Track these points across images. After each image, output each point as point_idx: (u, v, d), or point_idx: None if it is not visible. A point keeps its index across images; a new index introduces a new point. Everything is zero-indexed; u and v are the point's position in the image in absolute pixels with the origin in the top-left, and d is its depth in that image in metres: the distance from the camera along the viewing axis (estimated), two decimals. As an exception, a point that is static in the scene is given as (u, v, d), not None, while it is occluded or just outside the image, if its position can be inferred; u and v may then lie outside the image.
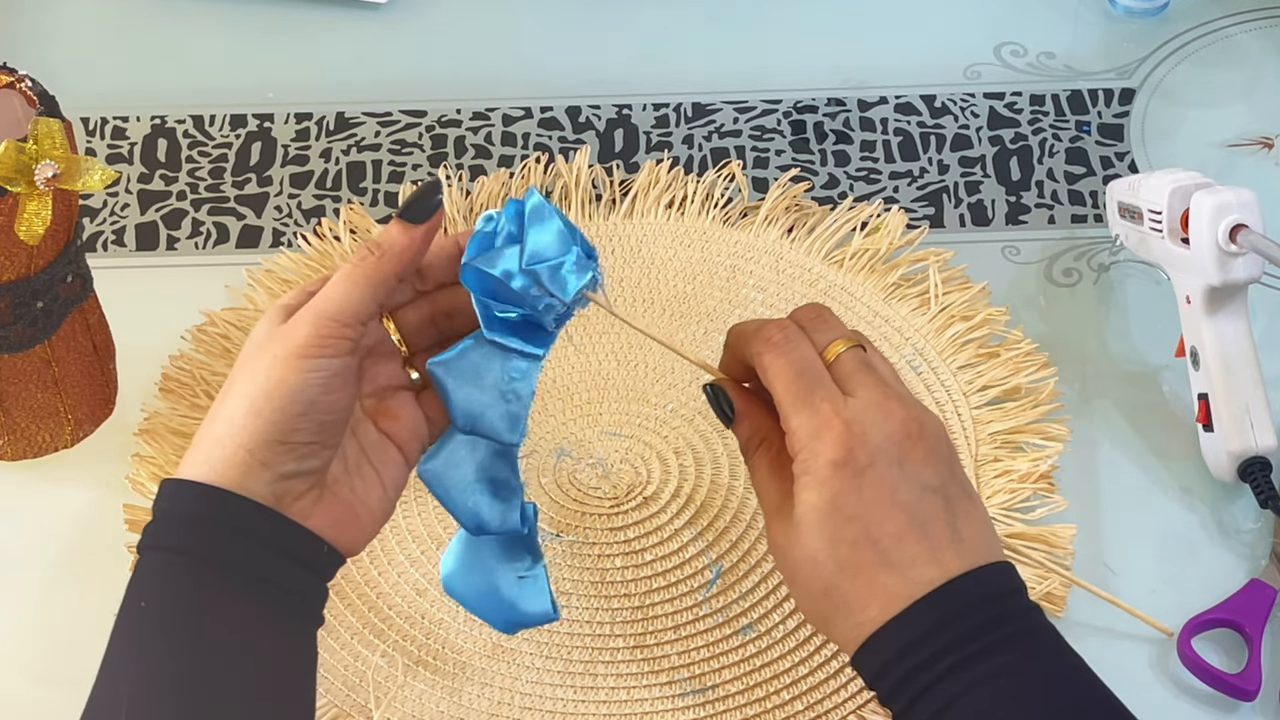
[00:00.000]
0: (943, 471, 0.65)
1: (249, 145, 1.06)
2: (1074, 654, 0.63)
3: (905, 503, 0.63)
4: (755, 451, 0.69)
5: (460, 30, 1.14)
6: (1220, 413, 0.84)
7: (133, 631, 0.62)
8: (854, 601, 0.63)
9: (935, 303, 0.94)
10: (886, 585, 0.63)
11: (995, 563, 0.64)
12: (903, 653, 0.62)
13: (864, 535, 0.63)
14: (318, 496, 0.65)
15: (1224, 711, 0.78)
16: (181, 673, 0.60)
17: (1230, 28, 1.13)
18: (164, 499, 0.64)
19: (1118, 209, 0.93)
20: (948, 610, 0.62)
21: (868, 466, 0.63)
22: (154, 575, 0.62)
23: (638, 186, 1.01)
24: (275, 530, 0.63)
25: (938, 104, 1.08)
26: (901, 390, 0.67)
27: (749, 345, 0.68)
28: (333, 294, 0.65)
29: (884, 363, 0.69)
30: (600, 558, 0.83)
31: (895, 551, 0.63)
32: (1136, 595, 0.82)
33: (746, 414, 0.69)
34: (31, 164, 0.75)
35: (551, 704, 0.78)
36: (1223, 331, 0.85)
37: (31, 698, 0.79)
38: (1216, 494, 0.87)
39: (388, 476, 0.68)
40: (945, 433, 0.66)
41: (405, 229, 0.66)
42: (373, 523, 0.68)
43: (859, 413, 0.64)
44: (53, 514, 0.86)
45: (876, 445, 0.64)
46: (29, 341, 0.82)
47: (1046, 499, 0.85)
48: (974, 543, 0.64)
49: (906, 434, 0.65)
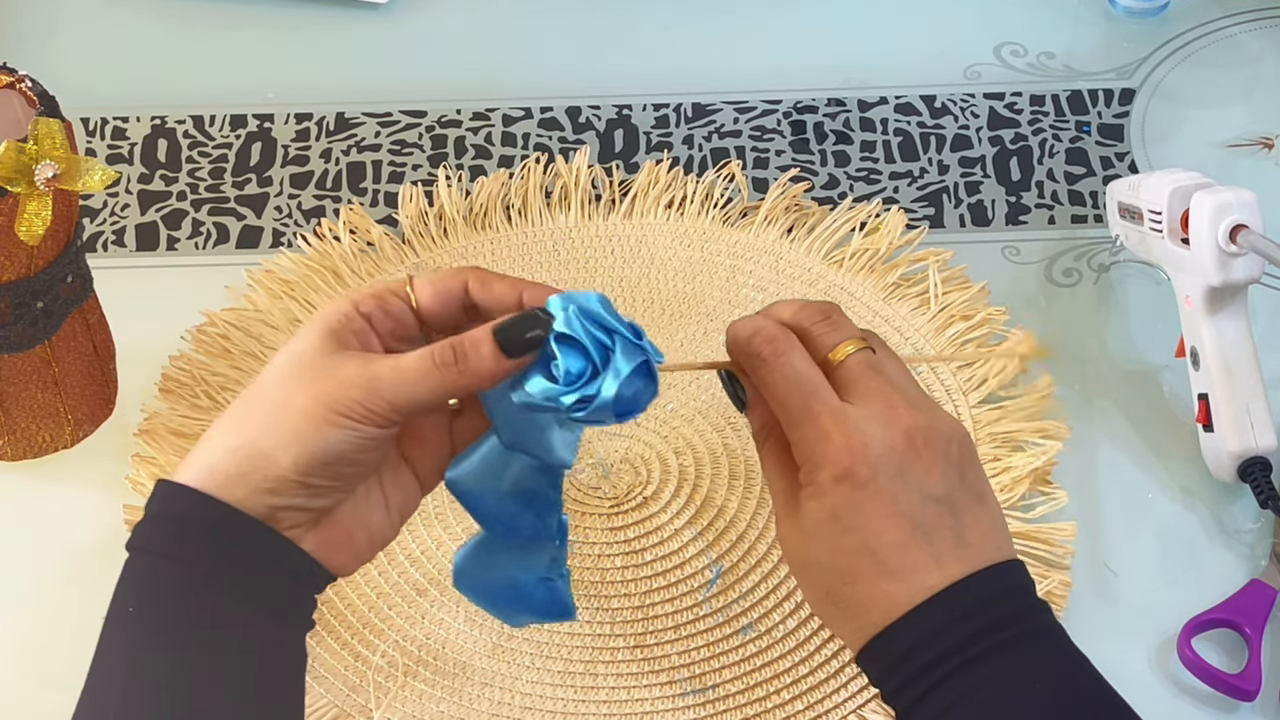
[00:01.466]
0: (950, 478, 0.64)
1: (249, 145, 1.06)
2: (1078, 653, 0.63)
3: (907, 513, 0.63)
4: (765, 443, 0.68)
5: (460, 30, 1.14)
6: (1220, 413, 0.84)
7: (121, 637, 0.61)
8: (854, 606, 0.63)
9: (935, 302, 0.94)
10: (888, 592, 0.62)
11: (1003, 562, 0.63)
12: (904, 656, 0.62)
13: (863, 546, 0.62)
14: (315, 522, 0.64)
15: (1224, 712, 0.78)
16: (171, 679, 0.60)
17: (1230, 28, 1.13)
18: (158, 501, 0.63)
19: (1118, 209, 0.93)
20: (951, 613, 0.62)
21: (869, 480, 0.62)
22: (144, 579, 0.62)
23: (637, 187, 1.01)
24: (269, 546, 0.62)
25: (938, 104, 1.08)
26: (913, 394, 0.65)
27: (739, 358, 0.67)
28: (401, 381, 0.62)
29: (896, 363, 0.67)
30: (600, 558, 0.83)
31: (895, 560, 0.62)
32: (1136, 595, 0.82)
33: (758, 403, 0.68)
34: (31, 164, 0.75)
35: (552, 704, 0.78)
36: (1223, 332, 0.85)
37: (31, 698, 0.79)
38: (1216, 494, 0.87)
39: (395, 503, 0.66)
40: (959, 435, 0.65)
41: (499, 360, 0.62)
42: (369, 548, 0.66)
43: (860, 424, 0.63)
44: (53, 514, 0.86)
45: (877, 457, 0.63)
46: (29, 341, 0.82)
47: (1046, 497, 0.85)
48: (980, 546, 0.63)
49: (909, 444, 0.63)
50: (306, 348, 0.63)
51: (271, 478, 0.61)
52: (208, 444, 0.63)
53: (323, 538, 0.64)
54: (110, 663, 0.61)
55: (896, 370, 0.66)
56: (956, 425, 0.65)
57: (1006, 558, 0.64)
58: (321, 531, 0.64)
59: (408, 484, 0.67)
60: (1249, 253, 0.82)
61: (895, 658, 0.62)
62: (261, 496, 0.61)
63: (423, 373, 0.62)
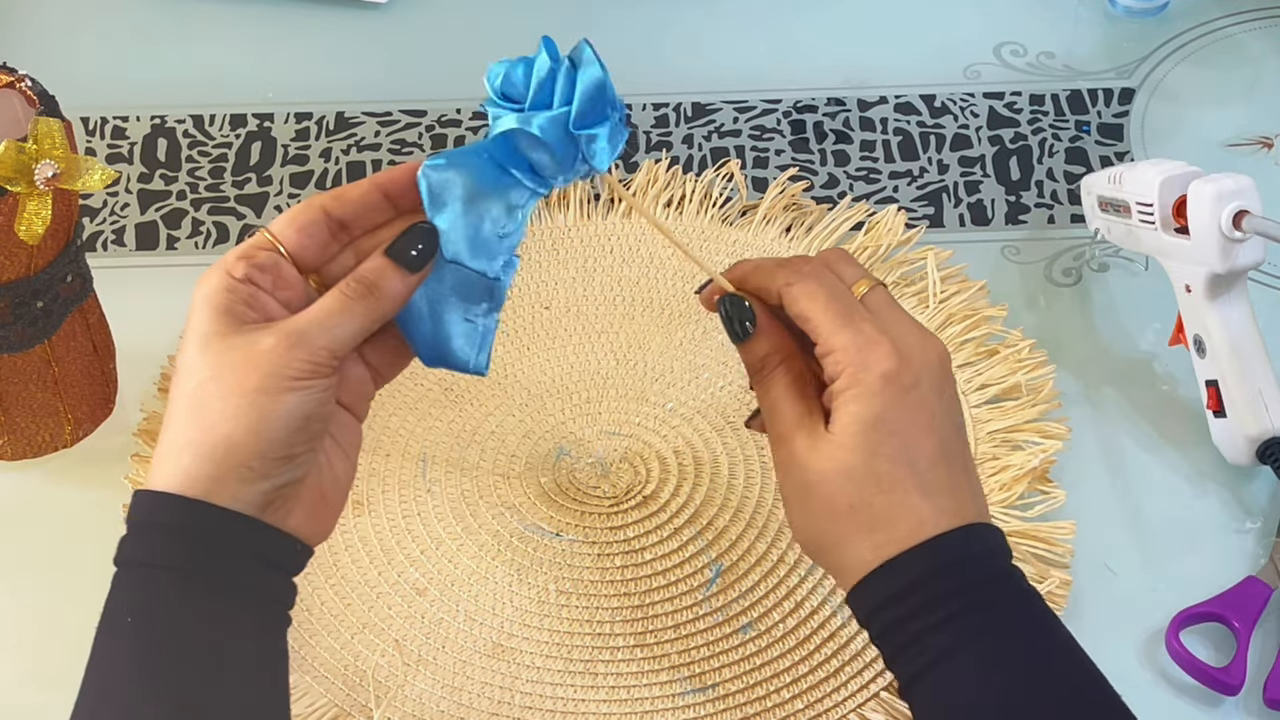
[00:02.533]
0: (961, 414, 0.66)
1: (249, 145, 1.06)
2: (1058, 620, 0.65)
3: (940, 432, 0.64)
4: (774, 370, 0.68)
5: (460, 30, 1.14)
6: (1233, 397, 0.84)
7: (118, 650, 0.61)
8: (880, 519, 0.63)
9: (934, 300, 0.94)
10: (918, 507, 0.63)
11: (990, 522, 0.65)
12: (919, 583, 0.62)
13: (904, 453, 0.63)
14: (297, 495, 0.64)
15: (1205, 704, 0.78)
16: (171, 692, 0.59)
17: (1230, 28, 1.14)
18: (143, 511, 0.62)
19: (1097, 203, 0.93)
20: (970, 551, 0.63)
21: (913, 386, 0.64)
22: (142, 591, 0.61)
23: (636, 186, 1.01)
24: (258, 540, 0.62)
25: (937, 104, 1.08)
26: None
27: (774, 276, 0.68)
28: (328, 325, 0.63)
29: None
30: (600, 557, 0.83)
31: (930, 476, 0.64)
32: (1137, 590, 0.82)
33: (766, 329, 0.68)
34: (31, 164, 0.75)
35: (552, 703, 0.78)
36: (1228, 317, 0.85)
37: (31, 698, 0.79)
38: (1227, 480, 0.87)
39: (346, 441, 0.67)
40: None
41: (403, 277, 0.65)
42: (340, 497, 0.67)
43: (902, 335, 0.65)
44: (53, 514, 0.86)
45: (920, 367, 0.65)
46: (29, 341, 0.82)
47: (1046, 495, 0.85)
48: (980, 494, 0.65)
49: (943, 365, 0.66)
50: (209, 331, 0.63)
51: (255, 465, 0.62)
52: (171, 449, 0.62)
53: (305, 508, 0.64)
54: (108, 676, 0.61)
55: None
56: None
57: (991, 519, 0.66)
58: (304, 502, 0.64)
59: (346, 420, 0.68)
60: (1253, 237, 0.83)
61: (908, 583, 0.63)
62: (254, 486, 0.62)
63: (343, 308, 0.64)
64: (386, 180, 0.67)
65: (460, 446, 0.88)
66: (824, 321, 0.65)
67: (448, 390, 0.91)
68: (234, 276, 0.64)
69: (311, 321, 0.63)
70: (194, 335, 0.63)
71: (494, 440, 0.88)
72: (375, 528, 0.84)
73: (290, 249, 0.66)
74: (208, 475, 0.61)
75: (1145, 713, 0.61)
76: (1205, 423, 0.87)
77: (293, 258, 0.66)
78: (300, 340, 0.63)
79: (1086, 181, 0.95)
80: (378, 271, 0.65)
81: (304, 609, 0.81)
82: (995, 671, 0.62)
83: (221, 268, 0.64)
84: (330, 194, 0.66)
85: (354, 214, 0.67)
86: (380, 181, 0.67)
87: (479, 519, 0.85)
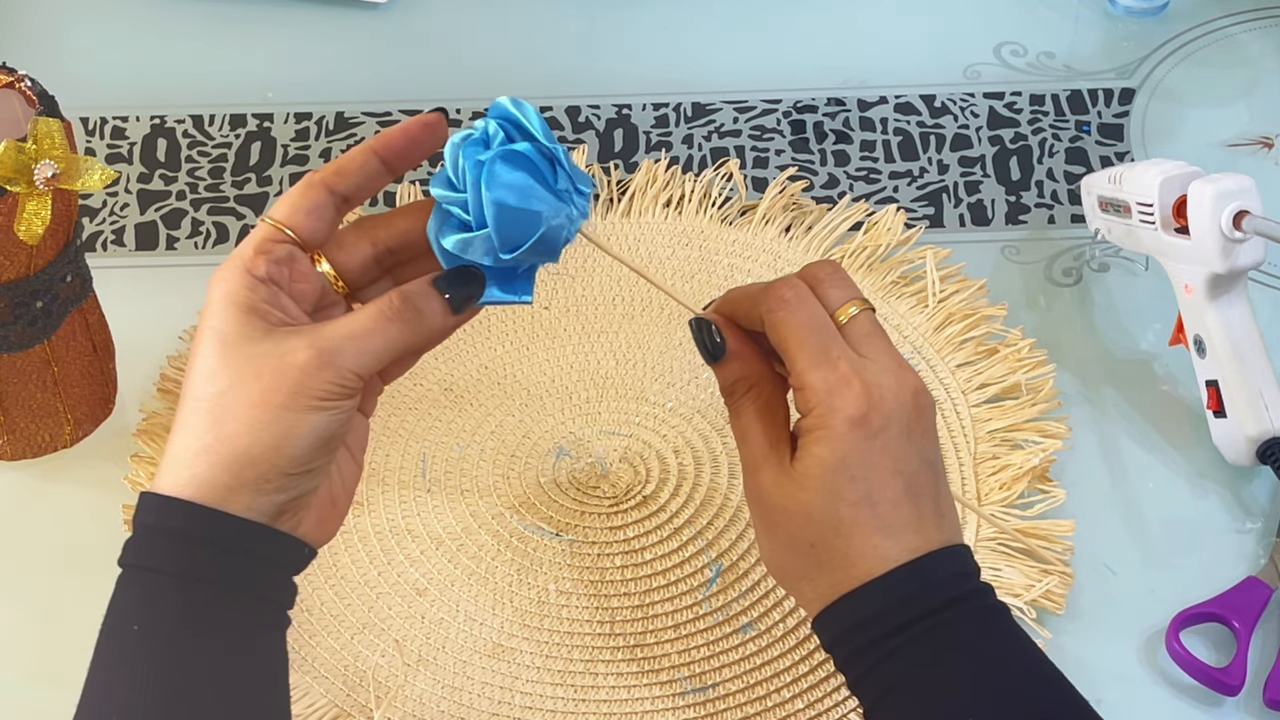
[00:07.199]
0: (934, 447, 0.66)
1: (249, 145, 1.06)
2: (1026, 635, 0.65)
3: (906, 472, 0.64)
4: (743, 395, 0.68)
5: (460, 30, 1.14)
6: (1234, 397, 0.84)
7: (123, 656, 0.60)
8: (839, 559, 0.63)
9: (933, 299, 0.94)
10: (878, 547, 0.63)
11: (961, 544, 0.65)
12: (874, 618, 0.62)
13: (865, 498, 0.63)
14: (309, 504, 0.63)
15: (1205, 704, 0.78)
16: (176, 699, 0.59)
17: (1230, 28, 1.14)
18: (151, 514, 0.61)
19: (1097, 203, 0.93)
20: (926, 580, 0.63)
21: (880, 431, 0.64)
22: (148, 598, 0.61)
23: (635, 186, 1.01)
24: (271, 548, 0.62)
25: (937, 104, 1.08)
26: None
27: (757, 303, 0.67)
28: (363, 349, 0.62)
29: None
30: (600, 557, 0.83)
31: (892, 516, 0.63)
32: (1137, 590, 0.82)
33: (739, 354, 0.68)
34: (31, 164, 0.75)
35: (552, 703, 0.78)
36: (1228, 318, 0.85)
37: (31, 698, 0.79)
38: (1227, 480, 0.87)
39: (355, 443, 0.67)
40: (933, 406, 0.67)
41: (447, 314, 0.64)
42: (348, 499, 0.66)
43: (876, 375, 0.65)
44: (52, 514, 0.86)
45: (890, 410, 0.64)
46: (29, 341, 0.82)
47: (1046, 494, 0.85)
48: (949, 519, 0.65)
49: (917, 404, 0.65)
50: (231, 332, 0.62)
51: (273, 478, 0.61)
52: (184, 453, 0.61)
53: (316, 515, 0.64)
54: (111, 682, 0.60)
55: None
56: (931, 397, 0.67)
57: (961, 541, 0.66)
58: (315, 509, 0.64)
59: (357, 421, 0.67)
60: (1253, 237, 0.83)
61: (864, 617, 0.63)
62: (269, 497, 0.61)
63: (379, 329, 0.62)
64: (380, 145, 0.65)
65: (460, 446, 0.88)
66: (799, 357, 0.65)
67: (448, 390, 0.91)
68: (256, 275, 0.62)
69: (345, 338, 0.62)
70: (213, 335, 0.62)
71: (494, 440, 0.88)
72: (375, 528, 0.84)
73: (303, 236, 0.64)
74: (224, 484, 0.60)
75: (1145, 713, 0.62)
76: (1205, 423, 0.87)
77: (304, 243, 0.64)
78: (331, 361, 0.61)
79: (1087, 181, 0.95)
80: (423, 296, 0.63)
81: (304, 609, 0.81)
82: (940, 701, 0.62)
83: (241, 265, 0.62)
84: (330, 169, 0.65)
85: (356, 186, 0.65)
86: (374, 147, 0.65)
87: (479, 519, 0.85)
